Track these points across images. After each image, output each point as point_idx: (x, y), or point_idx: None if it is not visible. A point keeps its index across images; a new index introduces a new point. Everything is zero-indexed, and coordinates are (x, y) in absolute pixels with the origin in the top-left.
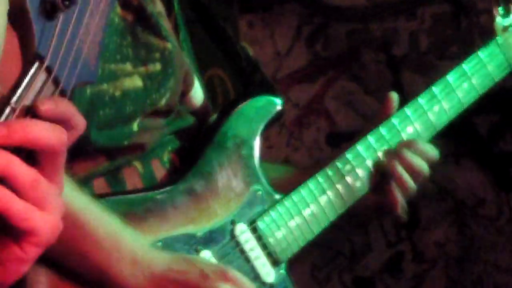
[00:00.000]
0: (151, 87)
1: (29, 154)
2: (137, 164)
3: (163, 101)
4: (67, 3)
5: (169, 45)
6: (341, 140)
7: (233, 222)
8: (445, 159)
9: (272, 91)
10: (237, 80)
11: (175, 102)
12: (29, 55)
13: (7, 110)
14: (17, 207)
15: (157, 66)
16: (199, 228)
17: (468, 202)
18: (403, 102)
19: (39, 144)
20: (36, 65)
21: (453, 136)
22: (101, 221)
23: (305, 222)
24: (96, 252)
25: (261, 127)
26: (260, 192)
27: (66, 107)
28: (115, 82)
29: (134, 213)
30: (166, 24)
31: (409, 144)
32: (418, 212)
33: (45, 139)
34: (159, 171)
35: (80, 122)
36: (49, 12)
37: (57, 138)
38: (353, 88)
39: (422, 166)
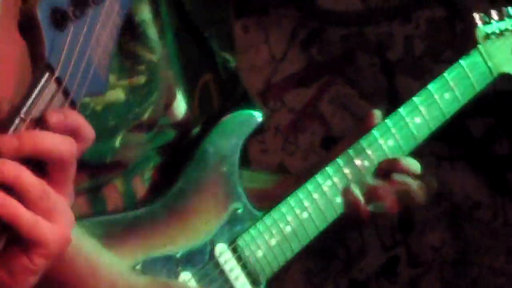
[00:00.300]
0: (133, 100)
1: (39, 165)
2: (118, 182)
3: (146, 115)
4: (78, 13)
5: (154, 57)
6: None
7: (212, 242)
8: (440, 163)
9: (252, 104)
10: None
11: (158, 115)
12: (39, 65)
13: (17, 121)
14: (26, 218)
15: (142, 79)
16: (179, 249)
17: (463, 206)
18: (398, 106)
19: (49, 155)
20: (46, 75)
21: (448, 139)
22: (79, 248)
23: (285, 240)
24: (74, 279)
25: (242, 142)
26: (240, 211)
27: (76, 119)
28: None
29: (113, 234)
30: (152, 32)
31: (393, 164)
32: (413, 216)
33: (55, 151)
34: (140, 188)
35: (89, 134)
36: (60, 22)
37: (67, 150)
38: (348, 92)
39: (412, 186)
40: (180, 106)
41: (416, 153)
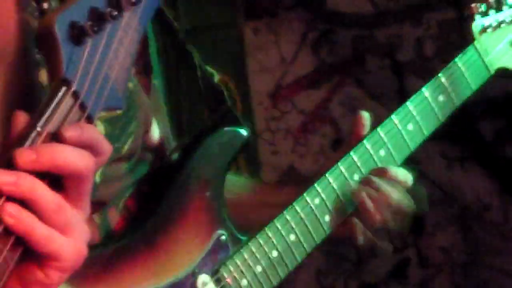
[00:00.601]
0: (112, 133)
1: (55, 179)
2: (95, 216)
3: (126, 147)
4: (95, 28)
5: (130, 85)
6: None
7: (194, 274)
8: (451, 165)
9: (237, 120)
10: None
11: (137, 145)
12: (57, 79)
13: (33, 134)
14: (40, 232)
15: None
16: (161, 282)
17: (473, 208)
18: None
19: (67, 169)
20: (63, 90)
21: (459, 141)
22: None
23: (272, 266)
24: None
25: (227, 163)
26: (224, 237)
27: (92, 133)
28: None
29: (92, 273)
30: None
31: (380, 172)
32: (424, 218)
33: (73, 165)
34: (115, 219)
35: (106, 148)
36: (78, 37)
37: (84, 164)
38: (359, 94)
39: (390, 194)
40: (155, 132)
41: (426, 155)
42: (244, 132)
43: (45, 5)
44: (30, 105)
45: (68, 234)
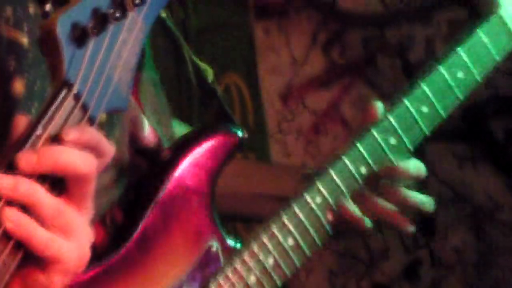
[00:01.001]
0: None
1: (57, 181)
2: None
3: None
4: (98, 30)
5: None
6: None
7: None
8: (462, 165)
9: (230, 120)
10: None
11: (123, 151)
12: (58, 81)
13: (34, 137)
14: (40, 236)
15: (102, 116)
16: None
17: (485, 207)
18: None
19: (68, 171)
20: (64, 91)
21: (470, 141)
22: None
23: (267, 275)
24: None
25: (218, 168)
26: (214, 248)
27: (93, 135)
28: None
29: None
30: None
31: (388, 173)
32: (435, 218)
33: (74, 166)
34: (99, 235)
35: (108, 149)
36: (80, 38)
37: (86, 166)
38: (370, 95)
39: (408, 197)
40: (147, 130)
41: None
42: (238, 131)
43: (47, 7)
44: (3, 118)
45: (69, 237)
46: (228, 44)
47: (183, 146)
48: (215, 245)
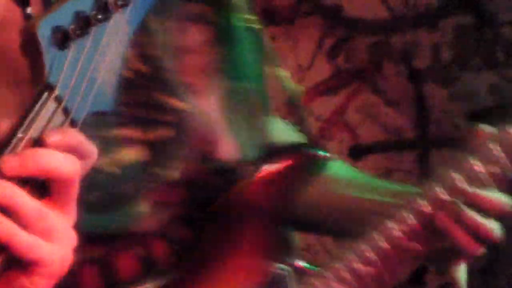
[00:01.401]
0: (156, 158)
1: (40, 184)
2: (139, 248)
3: (175, 174)
4: (79, 32)
5: (185, 105)
6: (364, 153)
7: None
8: None
9: (309, 138)
10: None
11: (192, 169)
12: (40, 84)
13: (15, 140)
14: (21, 239)
15: (169, 132)
16: None
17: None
18: (425, 114)
19: (51, 174)
20: (45, 94)
21: None
22: None
23: None
24: None
25: (296, 188)
26: (282, 271)
27: (75, 137)
28: (112, 155)
29: None
30: (194, 62)
31: (472, 199)
32: None
33: (57, 169)
34: (162, 251)
35: (91, 150)
36: (61, 41)
37: (69, 168)
38: (375, 101)
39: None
40: (227, 147)
41: None
42: (322, 154)
43: (29, 10)
44: None
45: (52, 239)
46: None
47: (258, 164)
48: (283, 269)
